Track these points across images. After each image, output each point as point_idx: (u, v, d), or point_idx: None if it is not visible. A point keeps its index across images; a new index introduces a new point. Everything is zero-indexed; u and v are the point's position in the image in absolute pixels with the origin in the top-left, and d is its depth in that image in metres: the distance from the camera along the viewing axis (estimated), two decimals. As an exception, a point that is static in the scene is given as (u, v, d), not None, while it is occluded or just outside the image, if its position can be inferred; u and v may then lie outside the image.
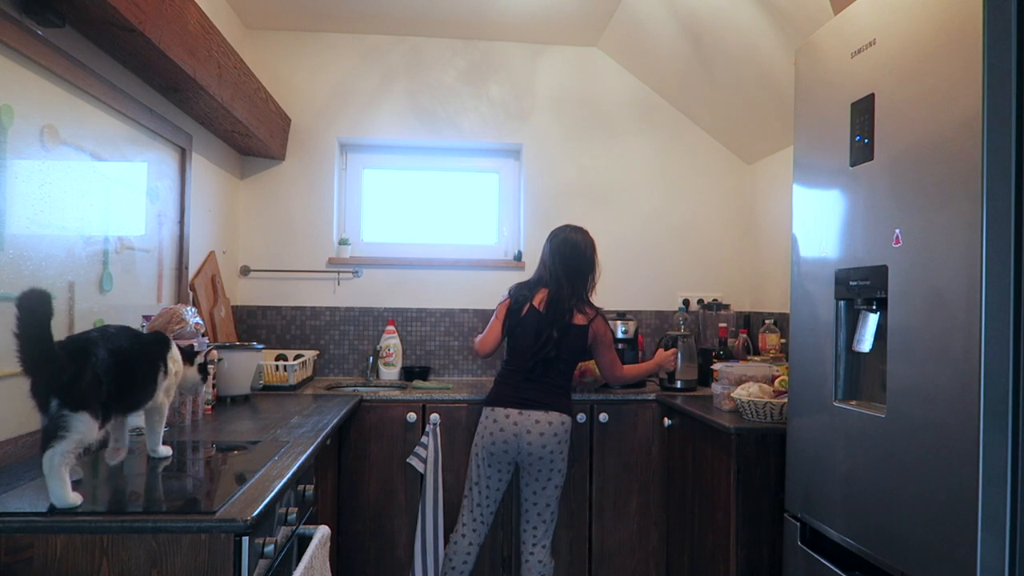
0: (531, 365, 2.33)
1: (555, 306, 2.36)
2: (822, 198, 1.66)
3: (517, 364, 2.36)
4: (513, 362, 2.38)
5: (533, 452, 2.26)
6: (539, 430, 2.25)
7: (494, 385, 2.40)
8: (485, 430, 2.31)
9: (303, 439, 1.77)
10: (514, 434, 2.26)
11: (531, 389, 2.31)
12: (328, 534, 1.62)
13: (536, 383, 2.32)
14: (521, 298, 2.41)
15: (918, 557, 1.29)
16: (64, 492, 1.16)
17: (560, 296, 2.37)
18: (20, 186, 1.51)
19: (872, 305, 1.49)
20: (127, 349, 1.33)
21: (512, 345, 2.41)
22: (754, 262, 3.33)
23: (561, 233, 2.48)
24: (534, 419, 2.26)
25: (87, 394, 1.18)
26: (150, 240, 2.18)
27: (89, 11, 1.55)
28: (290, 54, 3.22)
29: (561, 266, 2.41)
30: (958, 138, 1.21)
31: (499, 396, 2.34)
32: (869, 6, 1.49)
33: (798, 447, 1.75)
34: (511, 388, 2.33)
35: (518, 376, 2.35)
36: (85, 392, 1.18)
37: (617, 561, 2.70)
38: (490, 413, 2.32)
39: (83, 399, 1.17)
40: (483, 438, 2.32)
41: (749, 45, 2.57)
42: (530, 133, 3.33)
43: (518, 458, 2.29)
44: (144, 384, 1.41)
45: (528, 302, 2.39)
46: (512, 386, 2.34)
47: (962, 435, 1.19)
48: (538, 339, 2.33)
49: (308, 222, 3.21)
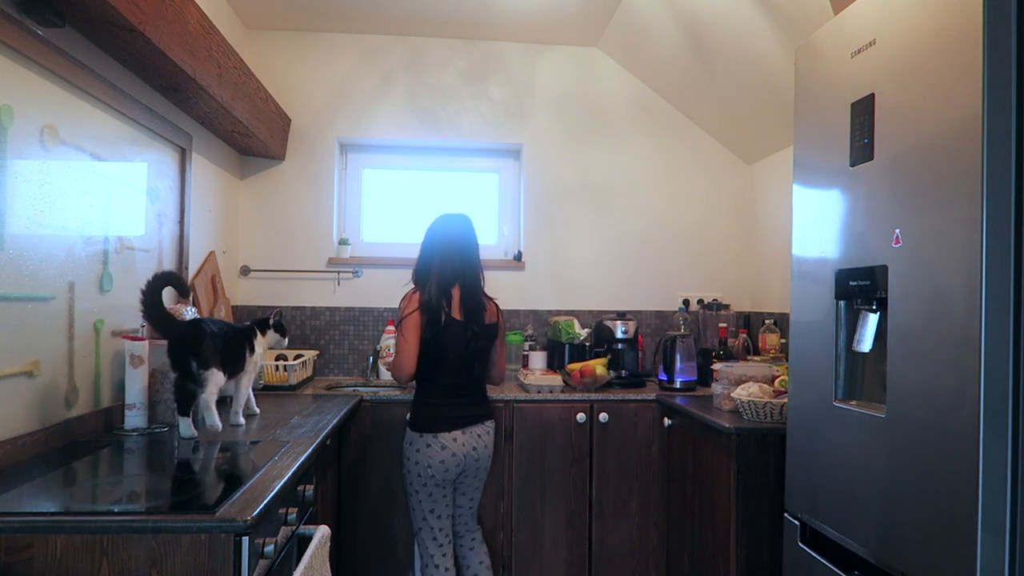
0: (462, 380, 2.21)
1: (473, 311, 2.19)
2: (822, 198, 1.66)
3: (446, 380, 2.19)
4: (440, 379, 2.19)
5: (480, 464, 2.25)
6: (483, 443, 2.23)
7: (423, 407, 2.19)
8: (430, 459, 2.13)
9: (303, 439, 1.77)
10: (463, 455, 2.17)
11: (467, 405, 2.21)
12: (328, 534, 1.61)
13: (469, 397, 2.23)
14: (435, 308, 2.15)
15: (918, 557, 1.29)
16: (215, 420, 1.77)
17: (473, 298, 2.20)
18: (20, 186, 1.51)
19: (872, 305, 1.49)
20: (226, 330, 1.89)
21: (435, 360, 2.18)
22: (754, 262, 3.33)
23: (446, 226, 2.26)
24: (476, 434, 2.21)
25: (212, 356, 1.77)
26: (150, 240, 2.18)
27: (89, 11, 1.55)
28: (290, 54, 3.22)
29: (460, 262, 2.21)
30: (958, 138, 1.21)
31: (438, 420, 2.16)
32: (869, 6, 1.49)
33: (798, 447, 1.75)
34: (448, 408, 2.17)
35: (451, 394, 2.19)
36: (210, 355, 1.76)
37: (617, 561, 2.70)
38: (432, 440, 2.14)
39: (210, 360, 1.76)
40: (430, 467, 2.14)
41: (749, 45, 2.57)
42: (530, 133, 3.33)
43: (464, 472, 2.23)
44: (238, 357, 1.93)
45: (443, 311, 2.15)
46: (449, 406, 2.18)
47: (962, 435, 1.18)
48: (465, 350, 2.18)
49: (308, 222, 3.21)
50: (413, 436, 2.18)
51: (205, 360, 1.75)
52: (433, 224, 2.30)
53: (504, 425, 2.65)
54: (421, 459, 2.15)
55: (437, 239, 2.25)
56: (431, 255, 2.23)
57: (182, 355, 1.73)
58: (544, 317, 3.29)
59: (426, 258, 2.24)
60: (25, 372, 1.53)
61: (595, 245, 3.36)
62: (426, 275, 2.21)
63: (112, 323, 1.92)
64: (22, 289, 1.52)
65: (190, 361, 1.73)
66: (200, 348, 1.74)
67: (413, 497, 2.22)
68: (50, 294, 1.62)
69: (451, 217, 2.30)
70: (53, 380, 1.64)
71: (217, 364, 1.78)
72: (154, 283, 1.73)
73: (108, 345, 1.90)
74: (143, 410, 1.85)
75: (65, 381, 1.69)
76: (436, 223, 2.30)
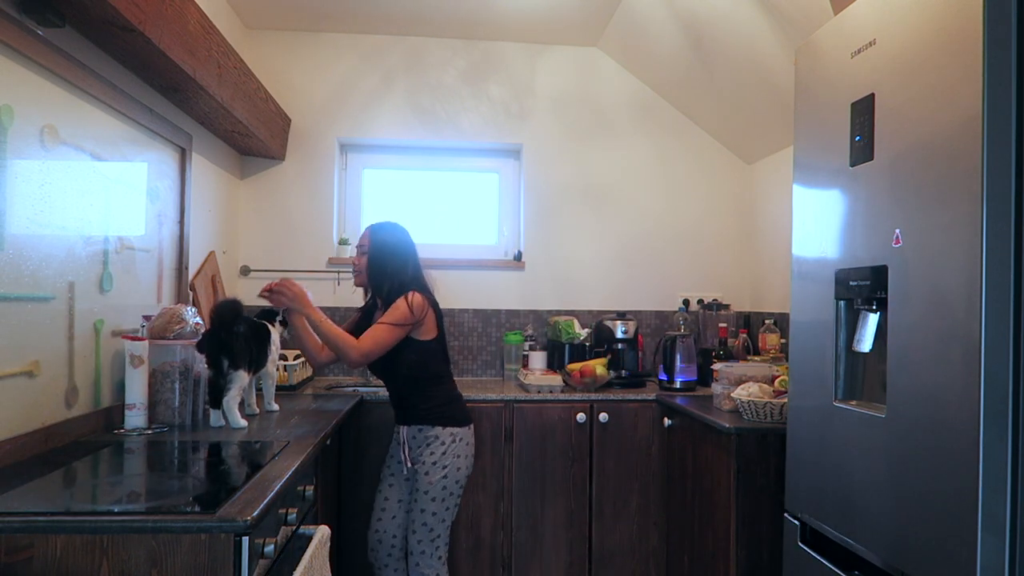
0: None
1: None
2: (822, 198, 1.66)
3: (452, 376, 2.29)
4: (450, 374, 2.27)
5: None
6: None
7: (455, 401, 2.23)
8: (470, 453, 2.20)
9: (303, 439, 1.77)
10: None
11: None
12: (328, 534, 1.61)
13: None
14: (432, 300, 2.21)
15: (918, 557, 1.29)
16: (237, 419, 1.88)
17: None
18: (20, 186, 1.51)
19: (872, 305, 1.49)
20: (253, 328, 2.03)
21: (445, 356, 2.26)
22: (754, 262, 3.33)
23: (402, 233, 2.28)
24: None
25: (243, 357, 1.92)
26: (150, 240, 2.18)
27: (89, 11, 1.55)
28: (290, 54, 3.22)
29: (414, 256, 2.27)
30: (958, 138, 1.21)
31: (468, 412, 2.25)
32: (869, 6, 1.49)
33: (798, 447, 1.75)
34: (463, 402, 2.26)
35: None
36: (242, 355, 1.91)
37: (617, 561, 2.70)
38: (468, 434, 2.20)
39: (241, 360, 1.91)
40: (469, 461, 2.20)
41: (749, 45, 2.57)
42: (530, 133, 3.33)
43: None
44: (262, 354, 2.08)
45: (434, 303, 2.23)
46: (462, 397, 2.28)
47: (962, 435, 1.18)
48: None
49: (308, 222, 3.21)
50: (460, 432, 2.17)
51: (237, 360, 1.90)
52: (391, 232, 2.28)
53: (504, 425, 2.65)
54: (465, 452, 2.18)
55: (406, 245, 2.26)
56: (405, 260, 2.22)
57: (215, 350, 1.89)
58: (544, 317, 3.29)
59: (400, 263, 2.22)
60: (25, 372, 1.53)
61: (595, 245, 3.36)
62: (406, 278, 2.20)
63: (112, 323, 1.92)
64: (22, 289, 1.52)
65: (223, 360, 1.89)
66: (233, 348, 1.90)
67: (456, 493, 2.16)
68: (50, 294, 1.62)
69: (397, 226, 2.30)
70: (53, 380, 1.64)
71: (245, 365, 1.93)
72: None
73: (108, 345, 1.90)
74: (143, 410, 1.85)
75: (65, 381, 1.69)
76: (394, 231, 2.28)
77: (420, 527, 2.13)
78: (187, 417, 1.96)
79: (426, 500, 2.12)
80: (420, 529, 2.13)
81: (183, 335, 1.95)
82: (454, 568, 2.61)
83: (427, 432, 2.15)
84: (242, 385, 1.92)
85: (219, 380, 1.88)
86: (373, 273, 2.22)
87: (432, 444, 2.14)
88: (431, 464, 2.13)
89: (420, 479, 2.14)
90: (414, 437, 2.18)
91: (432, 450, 2.13)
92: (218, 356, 1.88)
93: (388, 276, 2.20)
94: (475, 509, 2.64)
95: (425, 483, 2.12)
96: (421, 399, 2.17)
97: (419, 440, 2.16)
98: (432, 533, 2.13)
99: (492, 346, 3.26)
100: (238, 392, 1.91)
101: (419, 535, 2.13)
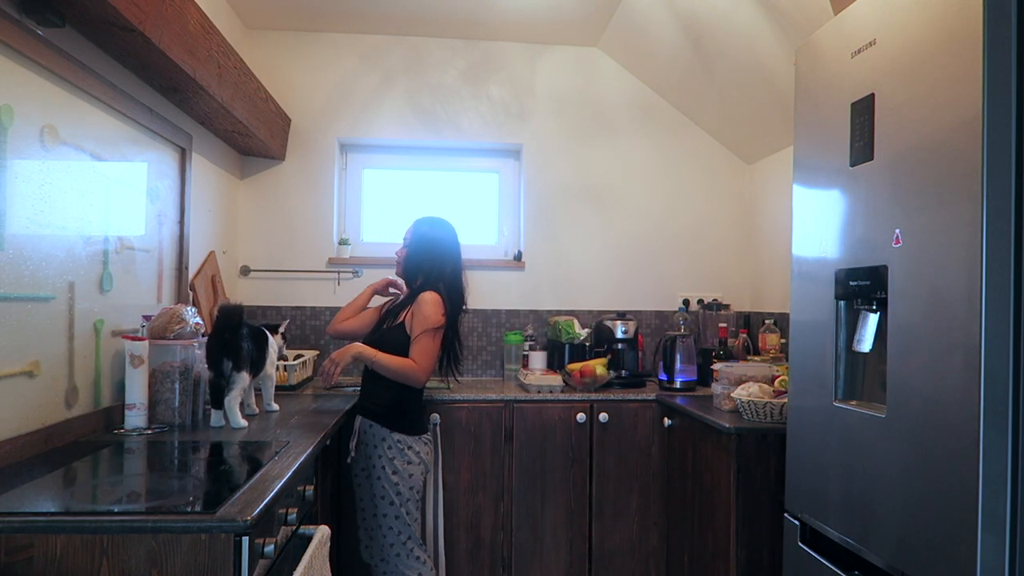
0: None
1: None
2: (822, 198, 1.66)
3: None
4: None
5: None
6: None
7: (414, 408, 2.21)
8: (420, 461, 2.18)
9: (303, 439, 1.77)
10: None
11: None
12: (328, 534, 1.61)
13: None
14: (451, 302, 2.23)
15: (918, 557, 1.29)
16: (238, 418, 1.89)
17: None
18: (20, 186, 1.51)
19: (872, 305, 1.49)
20: (254, 331, 2.06)
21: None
22: (754, 262, 3.33)
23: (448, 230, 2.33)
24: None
25: (245, 359, 1.94)
26: (150, 240, 2.18)
27: (89, 11, 1.55)
28: (290, 54, 3.22)
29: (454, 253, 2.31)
30: (958, 138, 1.21)
31: (423, 422, 2.27)
32: (869, 6, 1.49)
33: (798, 447, 1.75)
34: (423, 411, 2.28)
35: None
36: (244, 358, 1.94)
37: (617, 561, 2.70)
38: (418, 443, 2.18)
39: (243, 362, 1.93)
40: (421, 469, 2.18)
41: (749, 45, 2.57)
42: (530, 133, 3.33)
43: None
44: (262, 357, 2.09)
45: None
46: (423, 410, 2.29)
47: (962, 435, 1.18)
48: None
49: (308, 222, 3.21)
50: (409, 440, 2.15)
51: (239, 363, 1.92)
52: (433, 225, 2.32)
53: (504, 425, 2.65)
54: (423, 460, 2.18)
55: (446, 241, 2.29)
56: (443, 256, 2.26)
57: (218, 353, 1.91)
58: (544, 317, 3.29)
59: (438, 258, 2.26)
60: (25, 372, 1.53)
61: (595, 245, 3.36)
62: (442, 274, 2.24)
63: (112, 323, 1.92)
64: (22, 289, 1.52)
65: (225, 361, 1.90)
66: (238, 350, 1.92)
67: (413, 500, 2.15)
68: (50, 294, 1.62)
69: (442, 222, 2.35)
70: (53, 380, 1.64)
71: (247, 367, 1.95)
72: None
73: (108, 345, 1.90)
74: (143, 410, 1.85)
75: (65, 381, 1.69)
76: (436, 226, 2.32)
77: (388, 531, 2.11)
78: (187, 417, 1.96)
79: (384, 505, 2.11)
80: (388, 533, 2.11)
81: (183, 335, 1.95)
82: (454, 568, 2.61)
83: (377, 431, 2.14)
84: (243, 386, 1.94)
85: (220, 381, 1.90)
86: (408, 264, 2.25)
87: (379, 447, 2.13)
88: (380, 468, 2.11)
89: (374, 483, 2.13)
90: (365, 432, 2.17)
91: (380, 453, 2.12)
92: (221, 357, 1.90)
93: (424, 270, 2.23)
94: (475, 509, 2.64)
95: (379, 488, 2.11)
96: (382, 392, 2.16)
97: (369, 436, 2.15)
98: (401, 536, 2.12)
99: (492, 346, 3.26)
100: (239, 393, 1.93)
101: (389, 539, 2.11)
